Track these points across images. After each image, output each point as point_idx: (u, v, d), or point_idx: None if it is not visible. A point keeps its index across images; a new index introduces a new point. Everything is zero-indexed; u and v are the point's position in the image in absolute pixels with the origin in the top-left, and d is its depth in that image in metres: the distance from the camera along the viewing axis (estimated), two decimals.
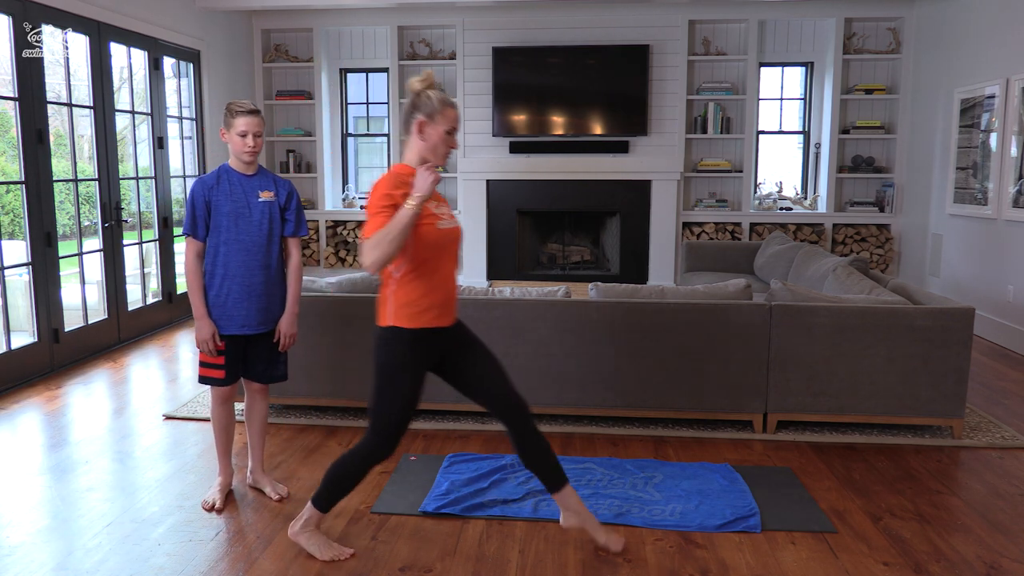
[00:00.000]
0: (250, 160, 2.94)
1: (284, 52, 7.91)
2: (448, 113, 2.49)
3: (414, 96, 2.52)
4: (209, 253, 2.93)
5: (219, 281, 2.93)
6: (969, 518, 3.02)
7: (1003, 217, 5.71)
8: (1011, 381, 4.86)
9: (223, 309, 2.94)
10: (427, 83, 2.52)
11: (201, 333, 2.92)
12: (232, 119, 2.88)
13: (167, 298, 6.36)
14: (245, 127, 2.87)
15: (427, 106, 2.49)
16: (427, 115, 2.48)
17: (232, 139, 2.90)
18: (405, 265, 2.47)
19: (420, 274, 2.48)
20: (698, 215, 7.62)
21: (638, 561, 2.67)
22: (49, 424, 4.05)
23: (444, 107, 2.49)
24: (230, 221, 2.91)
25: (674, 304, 3.82)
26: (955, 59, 6.46)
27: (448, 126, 2.50)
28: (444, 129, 2.49)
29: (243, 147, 2.89)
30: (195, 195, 2.90)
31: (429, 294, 2.50)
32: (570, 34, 7.47)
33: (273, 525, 2.92)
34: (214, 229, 2.91)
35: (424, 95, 2.50)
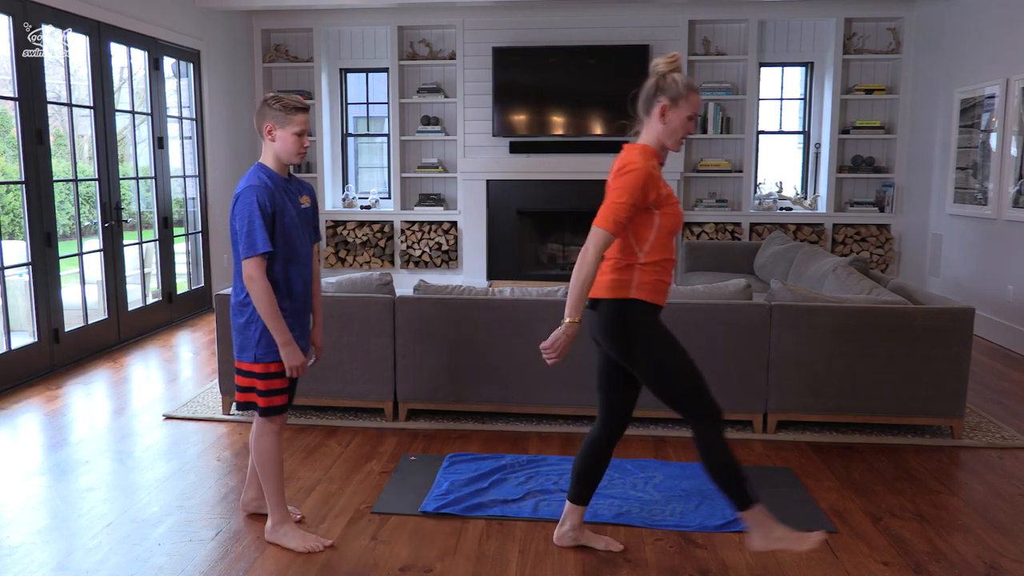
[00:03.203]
0: (299, 162, 2.72)
1: (284, 52, 7.91)
2: (692, 98, 2.41)
3: (658, 78, 2.43)
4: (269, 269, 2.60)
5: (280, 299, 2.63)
6: (969, 518, 3.02)
7: (1003, 217, 5.71)
8: (1011, 381, 4.86)
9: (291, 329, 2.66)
10: (673, 65, 2.42)
11: (295, 359, 2.59)
12: (288, 116, 2.58)
13: (167, 298, 6.36)
14: (302, 125, 2.60)
15: (672, 90, 2.40)
16: (671, 99, 2.40)
17: (285, 138, 2.59)
18: (651, 243, 2.42)
19: (662, 254, 2.44)
20: (698, 215, 7.62)
21: (638, 561, 2.67)
22: (49, 424, 4.05)
23: (689, 92, 2.41)
24: (293, 233, 2.63)
25: (674, 304, 3.81)
26: (955, 59, 6.46)
27: (691, 111, 2.41)
28: (686, 115, 2.41)
29: (298, 147, 2.61)
30: (260, 203, 2.53)
31: (664, 278, 2.47)
32: (570, 34, 7.47)
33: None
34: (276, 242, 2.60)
35: (670, 78, 2.41)
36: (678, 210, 2.47)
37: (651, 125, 2.45)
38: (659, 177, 2.39)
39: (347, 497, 3.15)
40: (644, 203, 2.37)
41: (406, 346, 3.95)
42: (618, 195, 2.34)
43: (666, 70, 2.42)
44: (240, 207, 2.55)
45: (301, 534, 2.75)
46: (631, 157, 2.40)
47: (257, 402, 2.68)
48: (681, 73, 2.44)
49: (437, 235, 7.83)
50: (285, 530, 2.75)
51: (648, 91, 2.44)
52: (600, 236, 2.33)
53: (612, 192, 2.38)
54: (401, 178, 7.86)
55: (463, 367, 3.93)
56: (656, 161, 2.43)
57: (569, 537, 2.74)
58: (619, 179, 2.37)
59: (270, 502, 2.76)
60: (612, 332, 2.45)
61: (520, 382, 3.91)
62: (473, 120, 7.67)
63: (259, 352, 2.64)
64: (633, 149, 2.45)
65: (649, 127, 2.46)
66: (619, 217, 2.33)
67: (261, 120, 2.62)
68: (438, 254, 7.87)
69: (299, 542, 2.72)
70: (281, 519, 2.76)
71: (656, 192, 2.38)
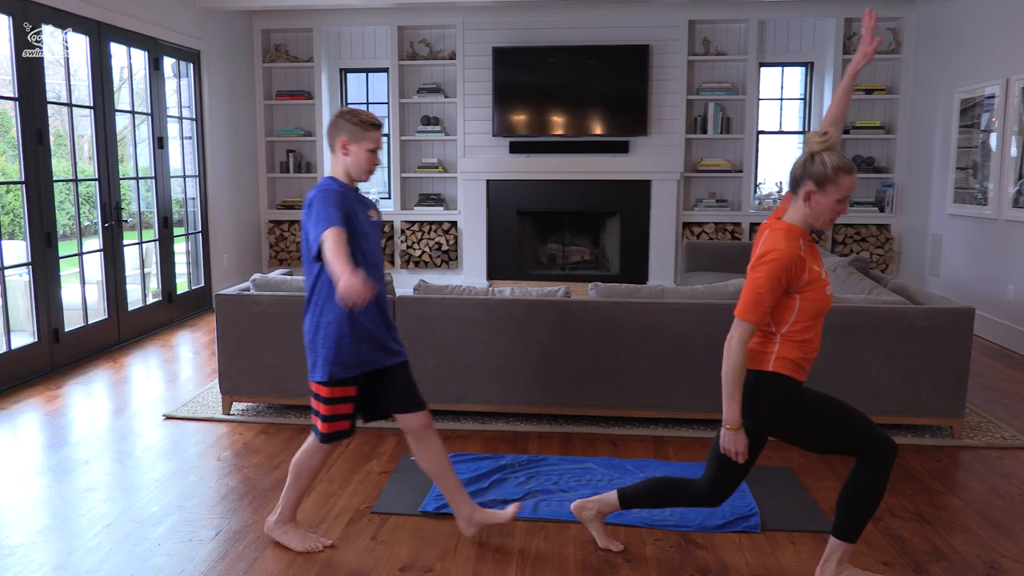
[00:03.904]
0: (367, 180, 2.68)
1: (284, 52, 7.91)
2: (842, 181, 2.23)
3: (807, 156, 2.28)
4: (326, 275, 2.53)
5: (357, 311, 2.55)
6: (969, 518, 3.02)
7: (1003, 217, 5.71)
8: (1011, 381, 4.86)
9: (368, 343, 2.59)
10: (825, 144, 2.26)
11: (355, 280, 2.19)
12: (365, 132, 2.56)
13: (167, 298, 6.36)
14: (376, 143, 2.59)
15: (819, 173, 2.25)
16: (818, 183, 2.25)
17: (358, 153, 2.57)
18: (791, 325, 2.32)
19: (804, 335, 2.33)
20: (698, 215, 7.62)
21: (638, 561, 2.67)
22: (49, 424, 4.05)
23: (838, 174, 2.23)
24: (364, 240, 2.58)
25: (674, 304, 3.82)
26: (955, 59, 6.46)
27: (840, 195, 2.25)
28: (835, 199, 2.25)
29: (370, 163, 2.59)
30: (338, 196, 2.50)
31: (808, 355, 2.36)
32: (570, 34, 7.47)
33: None
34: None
35: (819, 159, 2.25)
36: (824, 293, 2.31)
37: (797, 204, 2.32)
38: (804, 260, 2.26)
39: (347, 497, 3.15)
40: (785, 289, 2.28)
41: (406, 346, 3.93)
42: (759, 284, 2.25)
43: (817, 148, 2.27)
44: (317, 205, 2.46)
45: (302, 534, 2.75)
46: (775, 242, 2.27)
47: (319, 426, 2.62)
48: (835, 152, 2.26)
49: (437, 235, 7.83)
50: (286, 528, 2.75)
51: (796, 170, 2.30)
52: (744, 329, 2.27)
53: (752, 280, 2.28)
54: (401, 178, 7.86)
55: (463, 367, 3.93)
56: (801, 242, 2.29)
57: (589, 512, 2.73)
58: (761, 267, 2.26)
59: (286, 500, 2.75)
60: (747, 407, 2.35)
61: (520, 382, 3.91)
62: (473, 120, 7.67)
63: (325, 373, 2.55)
64: (778, 231, 2.31)
65: (796, 206, 2.33)
66: (760, 307, 2.25)
67: (336, 133, 2.57)
68: (438, 254, 7.87)
69: (299, 542, 2.73)
70: (287, 520, 2.76)
71: (799, 276, 2.27)
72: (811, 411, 2.36)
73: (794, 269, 2.25)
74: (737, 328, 2.28)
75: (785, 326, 2.32)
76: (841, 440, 2.37)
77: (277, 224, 8.02)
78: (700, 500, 2.56)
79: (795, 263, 2.25)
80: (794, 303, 2.30)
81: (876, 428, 2.37)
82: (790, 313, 2.31)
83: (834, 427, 2.36)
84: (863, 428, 2.36)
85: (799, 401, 2.36)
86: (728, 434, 2.33)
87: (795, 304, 2.30)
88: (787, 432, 2.40)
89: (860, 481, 2.38)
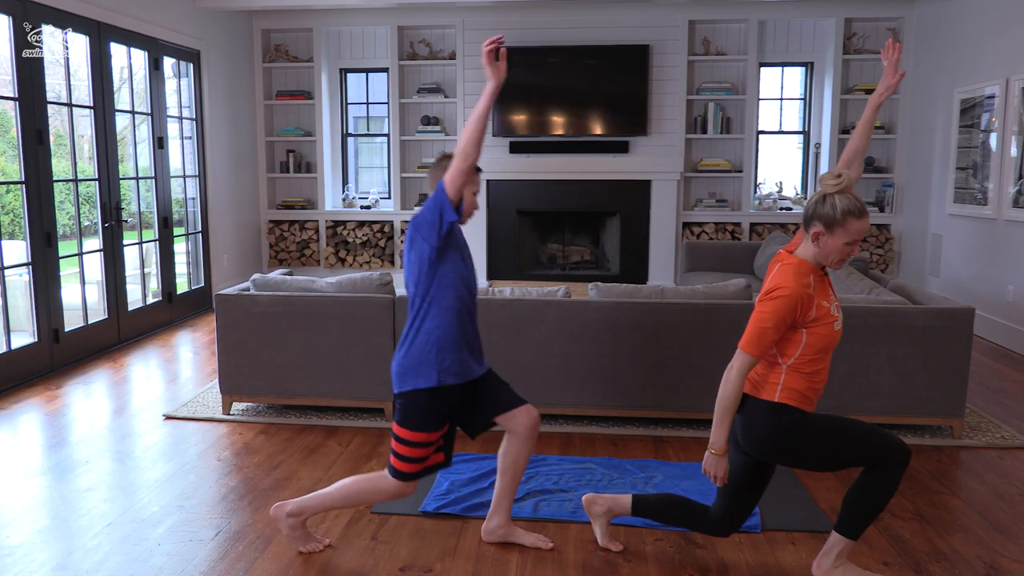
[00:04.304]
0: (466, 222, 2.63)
1: (284, 52, 7.91)
2: (852, 226, 2.23)
3: (819, 197, 2.28)
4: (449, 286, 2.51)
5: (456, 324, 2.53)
6: (969, 518, 3.02)
7: (1003, 217, 5.71)
8: (1011, 381, 4.86)
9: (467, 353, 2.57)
10: (839, 187, 2.26)
11: None
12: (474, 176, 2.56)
13: (167, 298, 6.36)
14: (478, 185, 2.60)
15: (828, 216, 2.25)
16: (826, 225, 2.25)
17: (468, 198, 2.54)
18: (796, 358, 2.32)
19: (811, 367, 2.34)
20: (698, 215, 7.62)
21: (638, 561, 2.67)
22: (49, 424, 4.05)
23: (847, 219, 2.22)
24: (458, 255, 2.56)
25: (674, 304, 3.82)
26: (955, 59, 6.46)
27: (849, 239, 2.24)
28: (843, 242, 2.25)
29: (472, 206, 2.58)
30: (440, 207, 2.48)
31: (815, 386, 2.36)
32: (570, 34, 7.47)
33: (273, 525, 2.91)
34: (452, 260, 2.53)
35: (830, 201, 2.25)
36: (832, 329, 2.32)
37: (808, 241, 2.32)
38: (812, 297, 2.27)
39: None
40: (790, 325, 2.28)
41: None
42: (764, 319, 2.26)
43: (831, 191, 2.26)
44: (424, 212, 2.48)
45: (306, 534, 2.74)
46: (784, 279, 2.28)
47: (390, 459, 2.58)
48: (847, 195, 2.25)
49: None
50: (295, 524, 2.71)
51: (808, 208, 2.31)
52: (744, 361, 2.28)
53: (759, 313, 2.29)
54: (401, 178, 7.86)
55: None
56: (811, 278, 2.30)
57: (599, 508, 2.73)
58: (768, 302, 2.27)
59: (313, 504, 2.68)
60: (752, 435, 2.37)
61: (520, 382, 3.90)
62: None
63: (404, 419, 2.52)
64: (788, 266, 2.32)
65: (806, 242, 2.33)
66: (764, 341, 2.27)
67: (442, 174, 2.54)
68: None
69: (301, 542, 2.72)
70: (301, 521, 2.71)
71: (807, 313, 2.27)
72: (818, 439, 2.35)
73: (800, 307, 2.26)
74: (738, 359, 2.29)
75: (791, 359, 2.33)
76: (852, 459, 2.36)
77: (277, 224, 8.02)
78: (710, 529, 2.57)
79: (802, 301, 2.25)
80: (800, 337, 2.31)
81: (886, 437, 2.35)
82: (796, 347, 2.31)
83: (842, 448, 2.35)
84: (873, 442, 2.34)
85: (805, 431, 2.35)
86: (712, 458, 2.35)
87: (801, 339, 2.31)
88: (795, 460, 2.40)
89: (871, 483, 2.37)
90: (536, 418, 2.66)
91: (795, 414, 2.35)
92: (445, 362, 2.49)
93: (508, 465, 2.69)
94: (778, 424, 2.34)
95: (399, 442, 2.53)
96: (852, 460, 2.36)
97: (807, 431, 2.35)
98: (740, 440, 2.43)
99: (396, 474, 2.56)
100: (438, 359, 2.49)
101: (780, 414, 2.34)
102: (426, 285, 2.50)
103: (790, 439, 2.35)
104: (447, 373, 2.50)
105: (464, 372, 2.54)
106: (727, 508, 2.53)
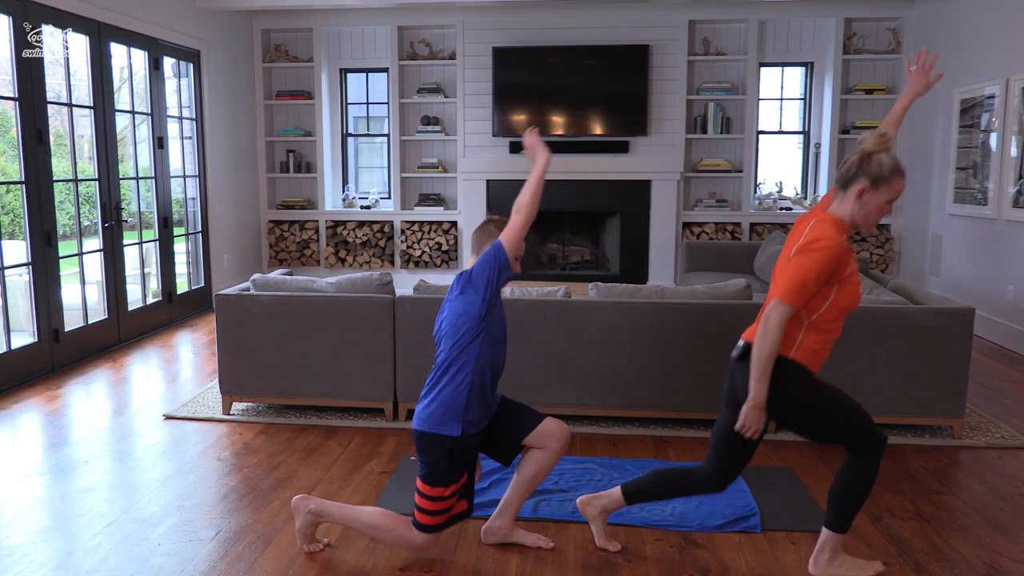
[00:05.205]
0: None
1: (284, 52, 7.91)
2: (896, 183, 2.29)
3: (863, 156, 2.31)
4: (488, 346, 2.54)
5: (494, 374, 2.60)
6: (969, 518, 3.02)
7: (1003, 217, 5.71)
8: (1011, 381, 4.86)
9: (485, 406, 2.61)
10: (882, 145, 2.30)
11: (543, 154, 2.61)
12: None
13: (167, 298, 6.36)
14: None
15: (875, 172, 2.29)
16: (872, 182, 2.29)
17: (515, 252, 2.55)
18: (821, 314, 2.35)
19: (831, 324, 2.36)
20: (698, 215, 7.62)
21: (638, 561, 2.67)
22: (49, 424, 4.05)
23: (893, 176, 2.29)
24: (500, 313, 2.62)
25: (674, 304, 3.82)
26: (955, 59, 6.46)
27: (891, 196, 2.31)
28: (886, 199, 2.31)
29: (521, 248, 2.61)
30: None
31: (827, 347, 2.39)
32: (570, 34, 7.47)
33: (273, 525, 2.92)
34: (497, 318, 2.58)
35: (876, 159, 2.30)
36: (858, 289, 2.36)
37: (846, 201, 2.35)
38: (849, 253, 2.31)
39: (347, 497, 3.15)
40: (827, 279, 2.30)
41: (406, 346, 3.95)
42: (806, 270, 2.26)
43: (873, 149, 2.30)
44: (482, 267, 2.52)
45: (312, 534, 2.74)
46: (826, 231, 2.29)
47: (415, 514, 2.60)
48: (890, 154, 2.31)
49: (437, 235, 7.83)
50: (311, 522, 2.70)
51: (850, 167, 2.33)
52: (784, 312, 2.28)
53: (800, 265, 2.28)
54: (401, 178, 7.86)
55: None
56: (847, 236, 2.35)
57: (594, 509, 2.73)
58: (810, 253, 2.27)
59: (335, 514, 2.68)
60: None
61: (520, 382, 3.91)
62: (473, 120, 7.67)
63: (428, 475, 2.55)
64: (825, 222, 2.33)
65: (844, 202, 2.35)
66: (805, 292, 2.27)
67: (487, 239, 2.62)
68: (438, 254, 7.87)
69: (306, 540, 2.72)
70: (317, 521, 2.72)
71: (844, 268, 2.30)
72: (820, 404, 2.40)
73: (841, 260, 2.29)
74: (776, 309, 2.30)
75: (815, 314, 2.35)
76: (843, 433, 2.42)
77: (277, 224, 8.02)
78: (702, 487, 2.57)
79: (844, 254, 2.29)
80: (830, 293, 2.33)
81: (872, 422, 2.43)
82: (823, 302, 2.34)
83: (840, 419, 2.40)
84: (862, 420, 2.41)
85: (810, 391, 2.39)
86: (753, 413, 2.34)
87: (831, 295, 2.34)
88: (794, 418, 2.43)
89: (852, 474, 2.43)
90: (567, 431, 2.68)
91: (806, 373, 2.38)
92: (470, 415, 2.54)
93: (528, 477, 2.69)
94: (788, 381, 2.36)
95: (423, 497, 2.57)
96: (842, 432, 2.41)
97: (812, 392, 2.39)
98: (740, 391, 2.43)
99: (422, 528, 2.60)
100: (464, 412, 2.54)
101: (792, 371, 2.36)
102: (468, 339, 2.53)
103: (796, 398, 2.38)
104: (470, 424, 2.55)
105: (484, 421, 2.61)
106: (718, 463, 2.53)
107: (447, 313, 2.59)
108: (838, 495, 2.46)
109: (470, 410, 2.54)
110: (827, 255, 2.26)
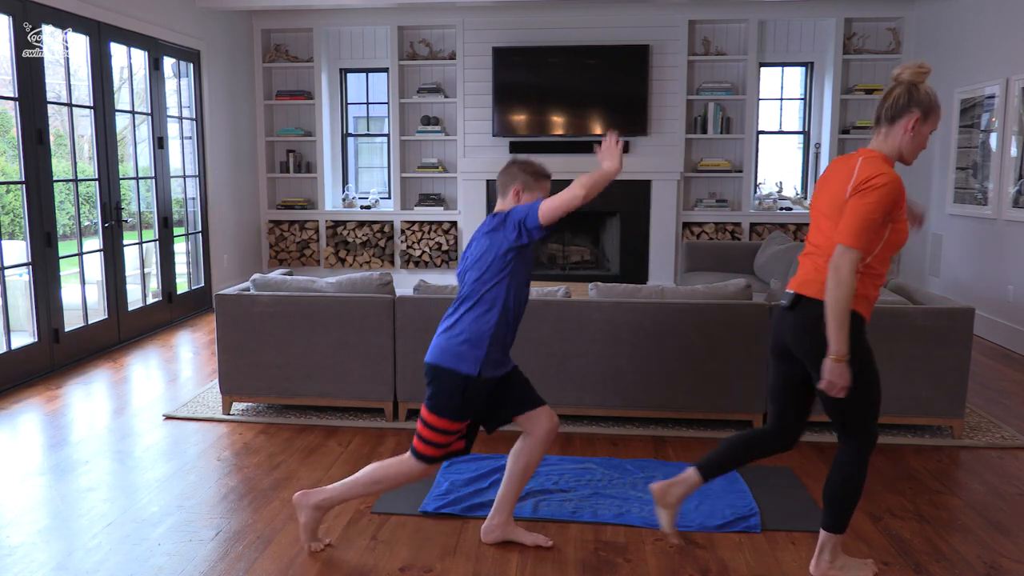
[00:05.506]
0: None
1: (284, 52, 7.91)
2: (939, 114, 2.31)
3: (910, 87, 2.28)
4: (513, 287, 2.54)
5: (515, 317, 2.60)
6: (969, 518, 3.02)
7: (1003, 217, 5.71)
8: (1011, 381, 4.86)
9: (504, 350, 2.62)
10: (922, 76, 2.28)
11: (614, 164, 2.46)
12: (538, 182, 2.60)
13: (167, 298, 6.36)
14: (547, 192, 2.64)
15: (926, 103, 2.27)
16: (924, 112, 2.27)
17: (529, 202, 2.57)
18: (874, 256, 2.28)
19: (881, 267, 2.32)
20: (698, 215, 7.62)
21: (638, 561, 2.67)
22: (49, 424, 4.05)
23: (938, 107, 2.30)
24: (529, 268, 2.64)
25: (674, 304, 3.82)
26: (955, 59, 6.46)
27: (935, 126, 2.31)
28: (931, 129, 2.30)
29: None
30: None
31: (877, 291, 2.36)
32: (570, 34, 7.47)
33: (273, 525, 2.92)
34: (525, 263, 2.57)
35: (923, 89, 2.28)
36: (907, 226, 2.33)
37: (893, 134, 2.30)
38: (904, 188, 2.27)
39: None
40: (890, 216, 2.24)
41: (406, 346, 3.95)
42: (870, 210, 2.19)
43: (915, 80, 2.28)
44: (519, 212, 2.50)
45: (316, 531, 2.74)
46: (879, 168, 2.23)
47: (414, 442, 2.60)
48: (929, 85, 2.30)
49: (437, 235, 7.83)
50: (317, 517, 2.71)
51: (898, 100, 2.29)
52: (853, 256, 2.20)
53: (862, 205, 2.20)
54: (401, 178, 7.86)
55: None
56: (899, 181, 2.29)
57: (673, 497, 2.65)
58: (871, 191, 2.20)
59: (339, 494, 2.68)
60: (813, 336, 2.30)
61: None
62: (473, 120, 7.67)
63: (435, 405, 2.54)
64: (874, 159, 2.28)
65: (891, 136, 2.31)
66: (869, 232, 2.20)
67: (510, 181, 2.60)
68: (438, 254, 7.87)
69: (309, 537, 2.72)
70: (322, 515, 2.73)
71: (900, 205, 2.25)
72: (868, 359, 2.34)
73: (900, 195, 2.24)
74: (845, 255, 2.20)
75: (870, 256, 2.28)
76: (860, 408, 2.36)
77: (277, 224, 8.02)
78: (774, 447, 2.57)
79: (902, 189, 2.24)
80: (885, 233, 2.27)
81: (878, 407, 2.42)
82: (878, 243, 2.27)
83: (870, 391, 2.35)
84: (877, 410, 2.39)
85: (859, 348, 2.30)
86: (837, 366, 2.25)
87: (885, 234, 2.28)
88: None
89: (843, 472, 2.42)
90: (556, 424, 2.69)
91: (861, 324, 2.31)
92: (491, 355, 2.52)
93: (520, 468, 2.70)
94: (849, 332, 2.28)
95: (426, 426, 2.57)
96: (860, 406, 2.35)
97: (859, 350, 2.30)
98: (791, 342, 2.39)
99: (419, 456, 2.59)
100: (486, 350, 2.51)
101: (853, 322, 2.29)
102: (494, 279, 2.52)
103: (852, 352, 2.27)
104: (488, 365, 2.53)
105: (502, 365, 2.60)
106: (779, 418, 2.51)
107: (474, 247, 2.58)
108: (831, 497, 2.45)
109: (491, 349, 2.52)
110: (888, 191, 2.20)
